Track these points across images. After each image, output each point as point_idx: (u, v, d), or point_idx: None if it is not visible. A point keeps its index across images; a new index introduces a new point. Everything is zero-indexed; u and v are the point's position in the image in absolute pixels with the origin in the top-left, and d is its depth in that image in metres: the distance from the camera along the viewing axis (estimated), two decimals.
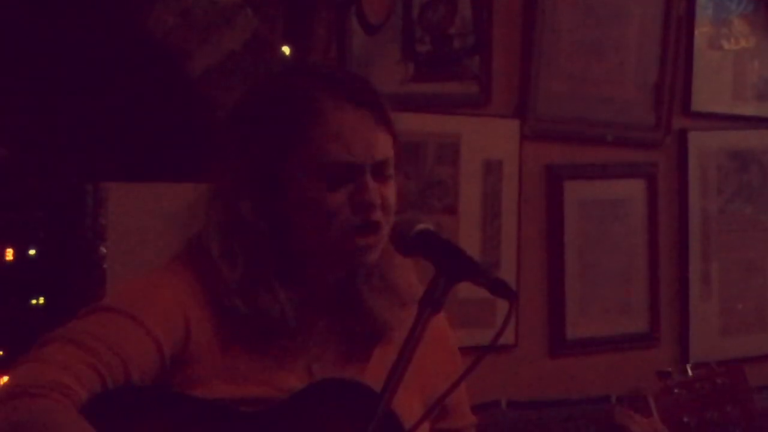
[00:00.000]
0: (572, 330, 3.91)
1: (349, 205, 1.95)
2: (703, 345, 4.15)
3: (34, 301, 3.29)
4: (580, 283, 3.92)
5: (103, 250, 3.20)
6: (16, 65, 3.31)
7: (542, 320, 3.87)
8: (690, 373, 2.37)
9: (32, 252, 3.31)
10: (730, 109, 4.28)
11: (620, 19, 4.00)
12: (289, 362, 1.99)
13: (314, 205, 1.95)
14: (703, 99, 4.20)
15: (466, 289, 1.88)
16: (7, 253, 3.28)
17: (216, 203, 1.99)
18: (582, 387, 3.86)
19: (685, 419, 2.34)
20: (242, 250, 1.96)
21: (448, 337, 2.18)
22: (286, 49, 3.35)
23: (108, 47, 3.36)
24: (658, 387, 2.35)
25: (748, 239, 4.29)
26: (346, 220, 1.95)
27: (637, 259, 4.05)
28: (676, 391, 2.35)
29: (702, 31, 4.19)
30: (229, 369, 1.94)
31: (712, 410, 2.36)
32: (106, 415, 1.83)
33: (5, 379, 1.88)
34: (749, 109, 4.32)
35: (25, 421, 1.78)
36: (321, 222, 1.95)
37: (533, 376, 3.83)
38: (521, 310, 3.69)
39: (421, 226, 1.91)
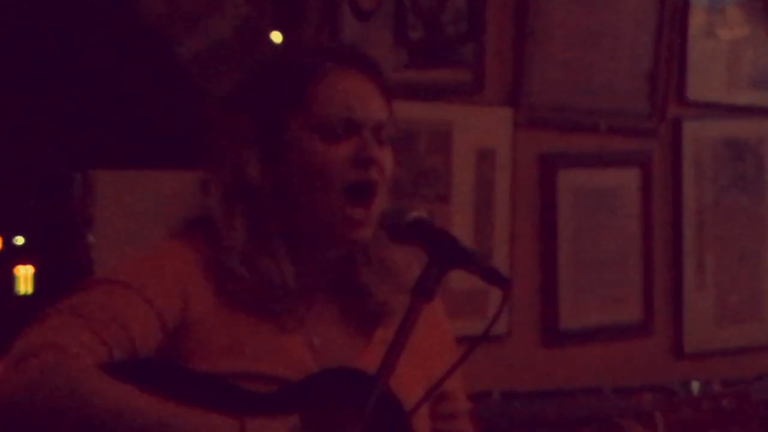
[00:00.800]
0: (565, 320, 3.89)
1: (349, 161, 1.96)
2: (698, 335, 4.13)
3: (21, 290, 3.27)
4: (574, 273, 3.90)
5: (91, 238, 3.18)
6: (4, 53, 3.29)
7: (535, 310, 3.86)
8: (695, 390, 2.39)
9: (19, 241, 3.29)
10: (725, 98, 4.26)
11: (615, 7, 3.98)
12: (290, 334, 1.98)
13: (314, 162, 1.96)
14: (698, 88, 4.18)
15: (457, 279, 1.86)
16: None
17: (222, 169, 2.01)
18: (575, 377, 3.85)
19: None
20: (244, 215, 1.97)
21: (444, 324, 2.18)
22: (276, 36, 3.33)
23: (97, 34, 3.34)
24: (667, 404, 2.36)
25: (743, 229, 4.28)
26: (345, 176, 1.96)
27: (631, 248, 4.03)
28: (682, 408, 2.37)
29: (697, 20, 4.17)
30: (230, 342, 1.94)
31: (717, 430, 2.37)
32: None
33: None
34: (744, 98, 4.31)
35: (38, 380, 1.78)
36: (320, 178, 1.96)
37: (526, 366, 3.81)
38: (514, 299, 3.67)
39: (414, 214, 1.90)
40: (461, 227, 3.62)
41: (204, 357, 1.92)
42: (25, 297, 3.26)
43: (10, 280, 3.27)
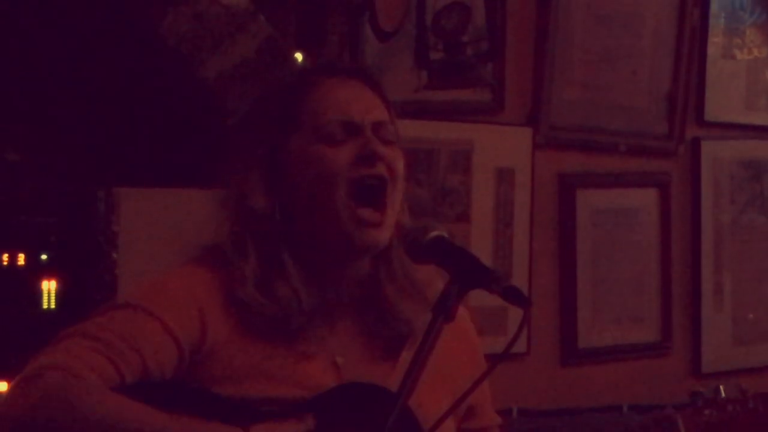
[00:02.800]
0: (584, 339, 3.90)
1: (353, 160, 1.96)
2: (715, 354, 4.14)
3: (45, 306, 3.29)
4: (592, 292, 3.91)
5: (115, 255, 3.20)
6: (30, 71, 3.32)
7: (554, 329, 3.87)
8: (723, 394, 2.34)
9: (44, 257, 3.31)
10: (743, 118, 4.28)
11: (634, 28, 4.00)
12: (312, 356, 1.98)
13: (319, 167, 1.96)
14: (716, 108, 4.19)
15: (477, 297, 1.87)
16: (19, 258, 3.29)
17: (228, 201, 2.02)
18: (593, 396, 3.85)
19: None
20: (254, 243, 1.98)
21: (472, 337, 2.18)
22: (298, 56, 3.35)
23: (121, 53, 3.37)
24: (689, 408, 2.33)
25: (761, 249, 4.28)
26: (351, 174, 1.95)
27: (650, 268, 4.04)
28: (706, 412, 2.33)
29: (715, 41, 4.19)
30: (248, 367, 1.94)
31: None
32: None
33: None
34: (762, 119, 4.32)
35: (43, 400, 1.80)
36: (326, 182, 1.96)
37: (545, 384, 3.82)
38: (533, 318, 3.68)
39: (435, 233, 1.89)
40: (481, 246, 3.64)
41: (222, 382, 1.92)
42: (49, 312, 3.28)
43: (36, 295, 3.29)
